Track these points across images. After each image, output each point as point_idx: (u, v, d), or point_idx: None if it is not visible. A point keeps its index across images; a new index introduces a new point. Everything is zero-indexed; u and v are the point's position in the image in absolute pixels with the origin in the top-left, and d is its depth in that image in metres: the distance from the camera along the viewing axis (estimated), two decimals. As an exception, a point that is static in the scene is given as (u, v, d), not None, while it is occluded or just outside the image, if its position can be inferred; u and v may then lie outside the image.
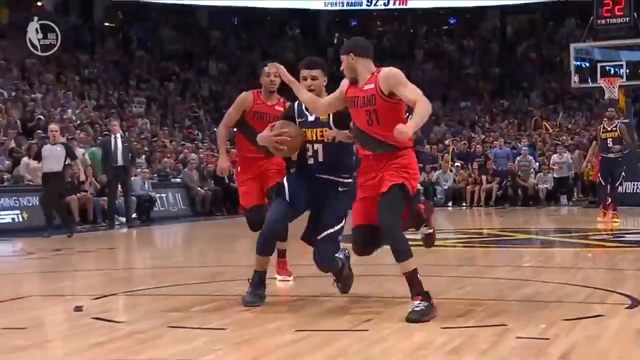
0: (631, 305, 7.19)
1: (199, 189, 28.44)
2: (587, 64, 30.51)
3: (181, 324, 6.65)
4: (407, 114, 7.04)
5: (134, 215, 24.51)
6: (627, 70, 28.85)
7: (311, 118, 7.43)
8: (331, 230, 7.07)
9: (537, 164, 29.13)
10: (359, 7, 40.78)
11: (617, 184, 16.83)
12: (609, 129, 17.33)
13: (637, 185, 25.48)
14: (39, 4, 43.89)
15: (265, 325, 6.44)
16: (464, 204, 28.64)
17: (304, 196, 7.22)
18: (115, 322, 7.11)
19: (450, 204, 28.99)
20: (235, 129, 9.60)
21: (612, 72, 28.87)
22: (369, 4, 40.56)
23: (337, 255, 7.64)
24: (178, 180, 30.07)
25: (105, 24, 49.15)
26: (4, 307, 8.26)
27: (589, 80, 29.84)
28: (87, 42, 44.48)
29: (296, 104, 7.61)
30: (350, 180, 7.17)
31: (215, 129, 25.05)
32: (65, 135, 26.65)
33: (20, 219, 21.88)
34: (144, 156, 26.91)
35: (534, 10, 39.65)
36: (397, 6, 40.30)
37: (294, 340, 5.99)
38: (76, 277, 11.91)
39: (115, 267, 12.87)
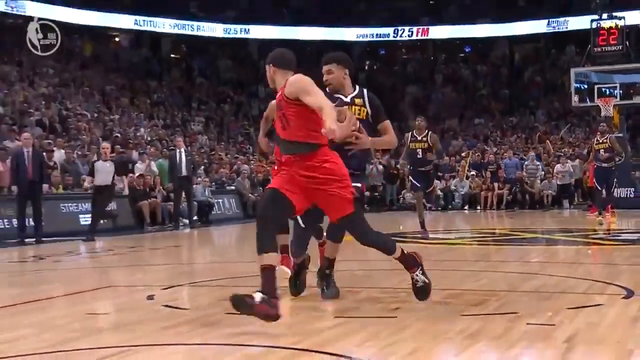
0: (627, 296, 7.20)
1: (250, 195, 28.23)
2: (586, 86, 30.79)
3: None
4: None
5: (195, 218, 24.53)
6: (621, 92, 29.52)
7: (346, 99, 6.98)
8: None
9: (543, 172, 28.96)
10: (386, 38, 40.76)
11: (612, 190, 16.81)
12: (601, 141, 17.42)
13: (630, 190, 25.37)
14: (117, 39, 44.24)
15: (309, 312, 6.49)
16: (478, 208, 28.55)
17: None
18: (181, 309, 7.36)
19: (466, 207, 28.77)
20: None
21: (608, 93, 29.33)
22: (395, 35, 40.47)
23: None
24: (232, 187, 30.15)
25: (172, 55, 50.42)
26: (89, 296, 8.66)
27: (588, 100, 30.32)
28: (156, 72, 45.02)
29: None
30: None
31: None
32: (138, 149, 27.72)
33: (104, 220, 21.34)
34: (203, 167, 27.14)
35: (539, 39, 39.42)
36: (419, 37, 40.17)
37: (334, 325, 6.13)
38: (148, 271, 12.10)
39: (180, 262, 13.07)
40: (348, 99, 6.92)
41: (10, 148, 19.70)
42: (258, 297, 5.73)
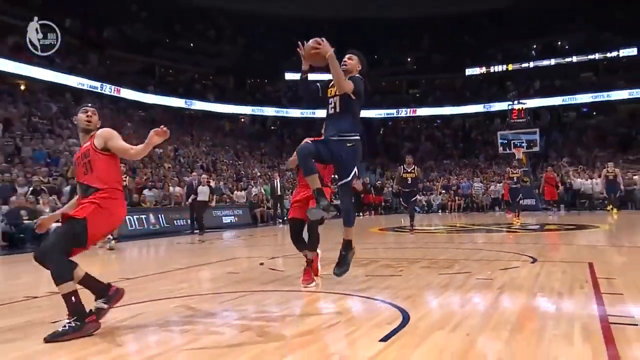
0: (532, 261, 7.15)
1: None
2: (506, 141, 30.58)
3: (320, 270, 6.38)
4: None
5: (285, 219, 23.14)
6: (525, 144, 28.67)
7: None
8: (347, 180, 4.76)
9: (483, 190, 28.23)
10: (392, 115, 39.69)
11: (518, 200, 16.31)
12: (514, 171, 16.93)
13: (532, 201, 24.66)
14: (242, 119, 39.57)
15: (350, 274, 5.93)
16: (447, 211, 27.69)
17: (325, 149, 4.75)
18: (278, 270, 7.19)
19: (440, 211, 27.95)
20: None
21: (518, 145, 29.45)
22: (397, 113, 39.60)
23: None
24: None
25: (272, 127, 43.34)
26: (226, 263, 8.44)
27: (507, 149, 29.95)
28: (263, 137, 39.67)
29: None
30: (358, 137, 4.76)
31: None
32: (256, 179, 26.27)
33: (234, 220, 20.96)
34: (289, 189, 26.41)
35: (478, 115, 38.26)
36: (411, 115, 39.23)
37: (365, 280, 5.93)
38: (259, 248, 11.78)
39: (277, 244, 12.77)
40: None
41: (186, 180, 19.47)
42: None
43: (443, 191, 30.34)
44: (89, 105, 4.46)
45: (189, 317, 4.35)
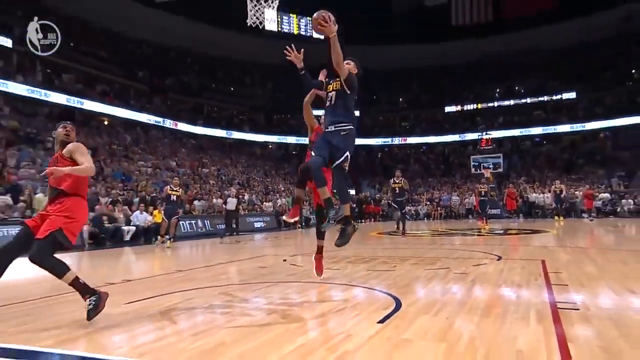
0: (498, 259, 7.03)
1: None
2: (477, 163, 30.04)
3: (327, 266, 6.13)
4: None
5: (303, 224, 22.50)
6: (492, 166, 28.91)
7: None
8: (339, 161, 4.15)
9: (459, 201, 27.93)
10: (388, 143, 39.14)
11: (486, 210, 16.12)
12: (482, 187, 16.76)
13: (497, 210, 24.34)
14: (270, 146, 37.56)
15: (350, 269, 6.10)
16: (431, 219, 27.40)
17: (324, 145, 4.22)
18: (298, 265, 7.01)
19: (425, 219, 27.72)
20: None
21: (486, 166, 29.03)
22: (392, 141, 39.08)
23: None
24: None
25: (293, 152, 40.39)
26: (256, 259, 8.23)
27: (478, 170, 29.53)
28: (286, 160, 38.32)
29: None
30: (351, 126, 4.26)
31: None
32: (280, 192, 25.47)
33: (263, 225, 20.62)
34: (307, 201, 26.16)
35: (455, 143, 37.73)
36: (402, 142, 38.76)
37: (366, 274, 5.81)
38: (283, 247, 11.29)
39: (298, 244, 12.63)
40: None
41: (226, 194, 19.30)
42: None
43: (428, 203, 30.06)
44: (68, 122, 4.06)
45: (228, 302, 4.34)
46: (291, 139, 37.93)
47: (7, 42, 21.94)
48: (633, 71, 32.67)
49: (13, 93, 21.37)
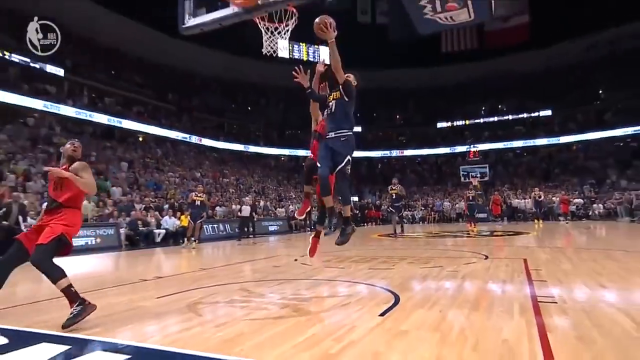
0: (485, 258, 6.95)
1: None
2: (466, 173, 29.86)
3: (333, 265, 6.34)
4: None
5: (313, 227, 22.33)
6: (479, 175, 28.65)
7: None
8: (342, 166, 3.95)
9: (450, 206, 27.67)
10: (387, 155, 38.84)
11: (475, 213, 15.92)
12: (470, 193, 16.55)
13: (483, 214, 23.83)
14: (282, 158, 36.80)
15: (352, 267, 6.02)
16: (425, 222, 27.17)
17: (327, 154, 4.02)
18: (307, 265, 6.76)
19: (421, 222, 27.51)
20: None
21: (474, 175, 28.64)
22: (390, 154, 38.82)
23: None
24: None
25: (302, 164, 43.29)
26: (272, 259, 8.13)
27: (467, 178, 29.07)
28: (297, 171, 37.43)
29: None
30: (350, 133, 4.07)
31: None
32: (288, 201, 24.84)
33: (277, 228, 20.32)
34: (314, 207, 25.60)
35: (446, 155, 37.48)
36: (400, 155, 38.44)
37: (367, 272, 5.75)
38: (294, 248, 10.87)
39: (307, 245, 12.52)
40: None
41: (243, 201, 19.06)
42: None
43: (423, 208, 29.73)
44: (76, 140, 4.02)
45: (246, 297, 4.32)
46: (301, 152, 37.62)
47: (60, 72, 22.56)
48: (600, 92, 32.74)
49: (64, 115, 21.77)
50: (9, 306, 4.14)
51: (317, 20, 3.98)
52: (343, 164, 4.05)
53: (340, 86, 4.20)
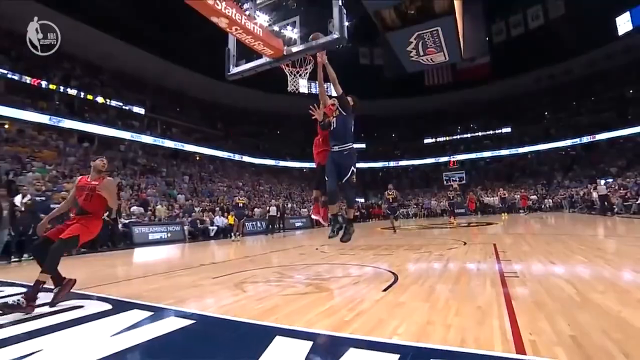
0: (464, 244, 6.64)
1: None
2: (448, 178, 29.75)
3: (346, 252, 6.03)
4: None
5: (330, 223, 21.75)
6: (457, 179, 28.65)
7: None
8: (347, 177, 3.59)
9: (437, 204, 27.19)
10: (386, 165, 38.55)
11: (455, 209, 15.51)
12: (451, 193, 16.24)
13: (463, 209, 23.08)
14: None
15: (359, 253, 5.70)
16: (417, 218, 26.78)
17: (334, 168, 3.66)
18: (326, 252, 6.53)
19: (413, 217, 27.14)
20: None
21: (454, 179, 28.36)
22: (388, 164, 38.45)
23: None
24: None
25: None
26: (298, 249, 7.77)
27: (449, 182, 28.80)
28: (308, 179, 35.69)
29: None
30: (351, 146, 3.67)
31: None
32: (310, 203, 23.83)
33: (302, 224, 19.83)
34: None
35: (432, 164, 36.83)
36: (396, 165, 38.03)
37: (373, 257, 5.64)
38: (316, 239, 10.70)
39: (326, 237, 12.21)
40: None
41: (271, 203, 18.66)
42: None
43: (415, 206, 29.52)
44: (104, 157, 3.76)
45: (279, 277, 4.29)
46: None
47: (142, 111, 23.80)
48: (546, 113, 32.98)
49: (144, 142, 22.81)
50: (111, 282, 4.32)
51: (314, 43, 3.61)
52: (348, 175, 3.70)
53: (336, 99, 3.83)
